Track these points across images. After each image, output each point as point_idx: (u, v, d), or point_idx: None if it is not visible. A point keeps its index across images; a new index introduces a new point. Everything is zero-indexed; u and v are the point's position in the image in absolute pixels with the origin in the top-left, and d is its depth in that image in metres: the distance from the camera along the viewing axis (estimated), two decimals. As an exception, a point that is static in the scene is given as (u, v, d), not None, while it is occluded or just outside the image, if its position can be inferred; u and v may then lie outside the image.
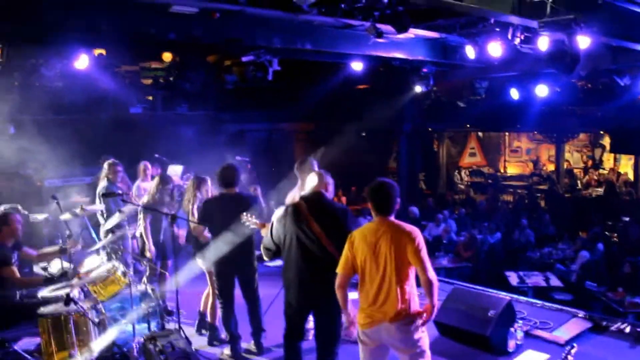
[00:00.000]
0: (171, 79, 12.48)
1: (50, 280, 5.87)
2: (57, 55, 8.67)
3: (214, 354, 6.00)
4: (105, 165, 7.79)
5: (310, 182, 4.73)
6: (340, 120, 15.97)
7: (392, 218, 4.00)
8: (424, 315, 3.94)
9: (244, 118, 14.33)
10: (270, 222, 5.03)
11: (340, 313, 4.61)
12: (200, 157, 9.50)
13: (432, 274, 3.89)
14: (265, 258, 4.96)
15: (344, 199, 14.32)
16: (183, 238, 7.40)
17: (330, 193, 4.74)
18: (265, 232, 5.11)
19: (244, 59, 8.47)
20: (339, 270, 4.08)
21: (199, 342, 6.08)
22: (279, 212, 4.77)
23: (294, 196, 5.53)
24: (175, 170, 9.12)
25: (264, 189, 6.39)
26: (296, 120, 15.59)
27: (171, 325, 5.94)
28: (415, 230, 3.97)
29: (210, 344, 6.18)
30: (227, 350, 5.89)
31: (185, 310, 6.27)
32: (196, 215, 6.09)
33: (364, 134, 17.43)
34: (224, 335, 6.10)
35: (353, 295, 4.22)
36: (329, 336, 4.63)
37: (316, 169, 5.51)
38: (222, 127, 13.71)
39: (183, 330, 5.49)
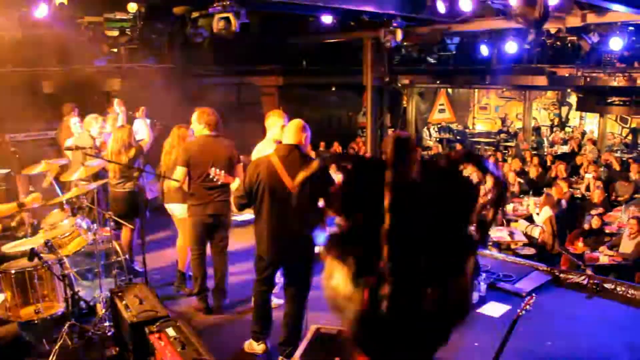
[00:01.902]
0: (137, 30, 12.16)
1: (8, 229, 5.81)
2: (15, 4, 8.34)
3: (181, 306, 6.05)
4: (89, 119, 7.44)
5: (286, 133, 4.67)
6: (309, 74, 15.83)
7: None
8: None
9: (212, 71, 14.09)
10: (236, 177, 5.07)
11: (311, 267, 4.66)
12: (167, 111, 9.35)
13: None
14: (235, 209, 4.96)
15: (313, 153, 14.28)
16: (154, 192, 7.33)
17: (306, 146, 4.70)
18: (234, 186, 5.14)
19: (211, 10, 8.28)
20: None
21: (166, 294, 6.11)
22: (250, 164, 4.75)
23: (260, 150, 5.49)
24: (144, 124, 8.95)
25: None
26: (265, 74, 15.39)
27: (138, 279, 5.96)
28: None
29: (177, 291, 6.23)
30: (195, 303, 5.93)
31: (152, 264, 6.29)
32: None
33: (333, 89, 17.33)
34: (191, 285, 6.14)
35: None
36: (298, 290, 4.69)
37: (286, 123, 5.45)
38: (190, 80, 13.47)
39: (150, 283, 5.50)
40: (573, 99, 18.13)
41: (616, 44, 9.66)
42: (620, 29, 9.59)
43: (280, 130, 5.42)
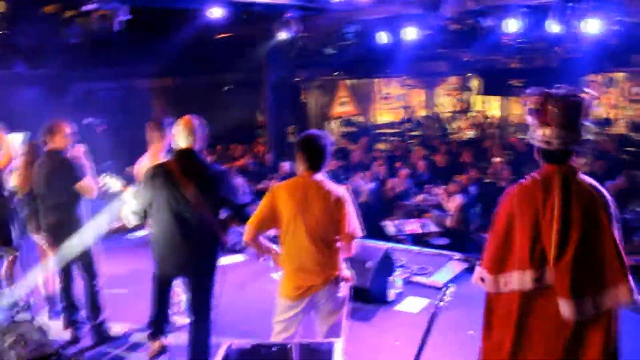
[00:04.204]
0: (1, 32, 11.51)
1: None
2: None
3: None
4: None
5: (178, 136, 4.53)
6: (201, 73, 15.60)
7: (321, 175, 3.96)
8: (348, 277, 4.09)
9: (93, 76, 13.57)
10: (133, 185, 4.90)
11: (213, 278, 4.57)
12: (44, 123, 8.92)
13: (353, 246, 4.02)
14: (131, 223, 4.79)
15: (210, 158, 14.07)
16: None
17: (202, 144, 4.58)
18: (128, 196, 4.97)
19: (87, 7, 7.98)
20: (250, 223, 3.98)
21: (56, 328, 5.81)
22: (146, 172, 4.59)
23: (144, 165, 5.33)
24: (14, 140, 8.46)
25: (121, 154, 6.09)
26: (153, 76, 15.01)
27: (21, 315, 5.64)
28: (346, 192, 4.01)
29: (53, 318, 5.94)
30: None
31: (37, 297, 5.98)
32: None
33: (227, 88, 17.17)
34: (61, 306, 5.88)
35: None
36: (204, 303, 4.58)
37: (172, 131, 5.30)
38: (68, 87, 12.92)
39: (36, 320, 5.21)
40: (475, 83, 18.89)
41: (512, 25, 10.10)
42: (515, 10, 10.04)
43: (159, 142, 5.37)
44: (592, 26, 9.23)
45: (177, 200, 4.33)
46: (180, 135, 4.48)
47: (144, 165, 5.34)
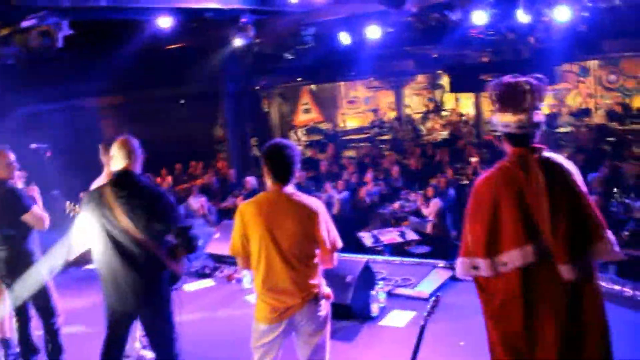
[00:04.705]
0: None
1: None
2: None
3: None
4: None
5: (115, 158, 4.44)
6: (152, 88, 15.51)
7: (291, 188, 3.96)
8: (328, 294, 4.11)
9: (37, 97, 13.38)
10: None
11: (167, 309, 4.49)
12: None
13: (335, 259, 4.03)
14: (80, 252, 4.70)
15: (169, 178, 14.00)
16: None
17: (137, 165, 4.47)
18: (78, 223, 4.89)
19: (25, 24, 7.88)
20: (233, 253, 3.99)
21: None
22: (85, 196, 4.52)
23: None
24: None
25: (72, 179, 6.01)
26: (101, 93, 14.86)
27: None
28: (319, 203, 4.00)
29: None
30: None
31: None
32: None
33: (182, 102, 17.11)
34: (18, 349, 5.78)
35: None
36: (162, 338, 4.49)
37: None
38: (10, 110, 12.72)
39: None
40: (445, 80, 19.11)
41: (480, 18, 10.20)
42: (482, 2, 10.16)
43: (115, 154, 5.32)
44: (562, 14, 9.45)
45: (112, 226, 4.22)
46: (117, 156, 4.39)
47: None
